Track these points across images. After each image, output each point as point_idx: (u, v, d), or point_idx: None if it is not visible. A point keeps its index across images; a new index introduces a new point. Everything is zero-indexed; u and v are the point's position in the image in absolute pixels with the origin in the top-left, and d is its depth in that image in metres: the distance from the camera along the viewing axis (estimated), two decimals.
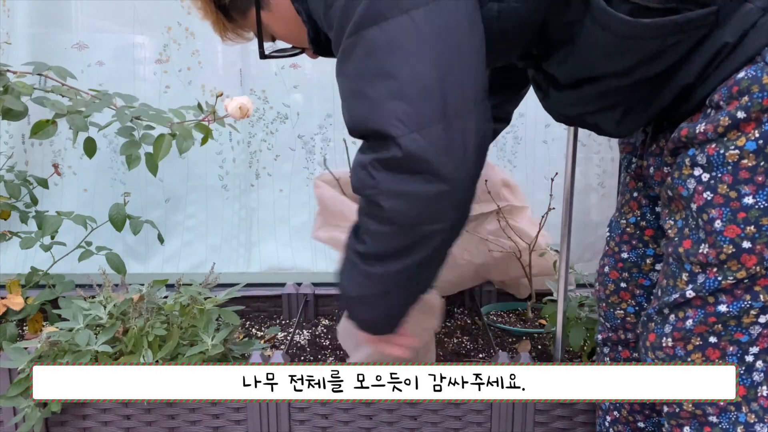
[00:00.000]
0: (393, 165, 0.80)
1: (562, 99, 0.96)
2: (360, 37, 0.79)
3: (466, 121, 0.80)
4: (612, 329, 1.14)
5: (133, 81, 1.96)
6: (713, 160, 0.80)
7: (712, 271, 0.82)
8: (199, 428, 1.35)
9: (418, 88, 0.78)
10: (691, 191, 0.83)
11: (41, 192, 1.79)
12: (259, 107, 2.00)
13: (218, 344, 1.30)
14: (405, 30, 0.77)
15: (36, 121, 1.33)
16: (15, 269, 1.94)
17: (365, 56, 0.79)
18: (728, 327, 0.84)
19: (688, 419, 0.88)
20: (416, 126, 0.78)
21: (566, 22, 0.85)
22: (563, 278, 1.33)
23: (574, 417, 1.33)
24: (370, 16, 0.78)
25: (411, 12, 0.77)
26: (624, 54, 0.83)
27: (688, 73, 0.83)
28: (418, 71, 0.78)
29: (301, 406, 1.33)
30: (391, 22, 0.78)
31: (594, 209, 2.07)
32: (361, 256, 0.91)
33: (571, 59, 0.88)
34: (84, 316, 1.32)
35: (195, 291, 1.40)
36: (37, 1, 1.91)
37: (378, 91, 0.79)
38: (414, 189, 0.81)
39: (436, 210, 0.83)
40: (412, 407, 1.33)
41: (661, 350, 0.89)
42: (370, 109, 0.80)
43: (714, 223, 0.81)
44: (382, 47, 0.78)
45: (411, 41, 0.77)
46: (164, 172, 1.99)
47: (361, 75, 0.81)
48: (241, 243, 2.08)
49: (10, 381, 1.30)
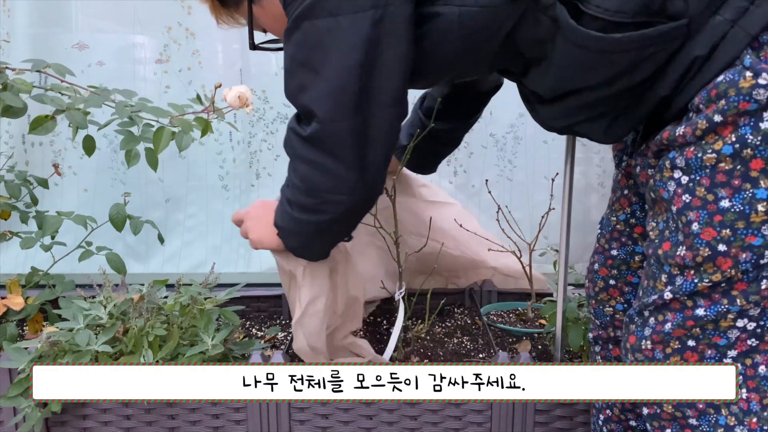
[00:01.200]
0: (306, 138, 0.97)
1: (549, 112, 0.98)
2: (296, 26, 0.91)
3: (375, 121, 0.94)
4: (602, 327, 1.14)
5: (133, 81, 1.96)
6: (692, 162, 0.81)
7: (690, 273, 0.83)
8: (199, 428, 1.35)
9: (335, 86, 0.91)
10: (672, 193, 0.84)
11: (41, 192, 1.79)
12: (259, 107, 2.00)
13: (218, 344, 1.30)
14: (332, 32, 0.89)
15: (35, 117, 1.33)
16: (15, 269, 1.94)
17: (299, 44, 0.92)
18: (706, 330, 0.84)
19: (669, 421, 0.89)
20: (329, 117, 0.93)
21: (538, 40, 0.88)
22: (563, 278, 1.33)
23: (574, 417, 1.33)
24: (308, 10, 0.89)
25: (339, 17, 0.88)
26: (600, 68, 0.85)
27: (665, 85, 0.85)
28: (338, 72, 0.90)
29: (301, 406, 1.33)
30: (322, 21, 0.89)
31: (594, 209, 2.07)
32: (287, 199, 1.09)
33: (550, 75, 0.90)
34: (84, 316, 1.32)
35: (195, 291, 1.40)
36: (37, 1, 1.91)
37: (304, 78, 0.93)
38: (319, 161, 0.97)
39: (334, 184, 0.99)
40: (412, 407, 1.33)
41: (641, 352, 0.89)
42: (298, 89, 0.95)
43: (692, 226, 0.81)
44: (312, 42, 0.91)
45: (336, 43, 0.89)
46: (164, 172, 1.99)
47: (293, 58, 0.94)
48: (241, 243, 2.08)
49: (10, 381, 1.30)
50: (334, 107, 0.92)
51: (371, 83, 0.91)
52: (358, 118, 0.93)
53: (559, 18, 0.83)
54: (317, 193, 1.02)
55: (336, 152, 0.96)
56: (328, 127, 0.94)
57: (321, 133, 0.95)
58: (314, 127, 0.95)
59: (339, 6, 0.87)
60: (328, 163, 0.97)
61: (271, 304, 1.79)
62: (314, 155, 0.98)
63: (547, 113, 0.98)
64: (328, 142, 0.95)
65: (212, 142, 2.01)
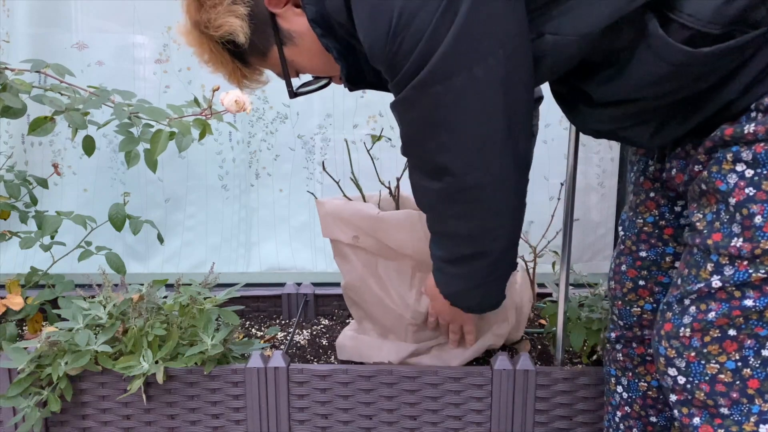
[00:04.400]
0: (449, 194, 0.94)
1: (595, 116, 0.95)
2: (422, 93, 0.84)
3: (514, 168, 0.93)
4: (626, 327, 1.14)
5: (132, 81, 1.95)
6: (760, 157, 0.81)
7: (743, 264, 0.83)
8: (199, 428, 1.35)
9: (475, 140, 0.88)
10: (731, 186, 0.83)
11: (41, 192, 1.79)
12: (258, 107, 2.00)
13: (218, 344, 1.30)
14: (466, 88, 0.83)
15: (34, 118, 1.33)
16: (15, 269, 1.94)
17: (428, 108, 0.86)
18: (750, 321, 0.84)
19: (700, 408, 0.88)
20: (473, 167, 0.90)
21: (613, 48, 0.85)
22: (564, 278, 1.33)
23: (574, 417, 1.33)
24: (433, 74, 0.82)
25: (472, 69, 0.82)
26: (675, 79, 0.83)
27: (733, 90, 0.83)
28: (480, 125, 0.86)
29: (301, 405, 1.33)
30: (456, 79, 0.82)
31: (594, 209, 2.07)
32: (441, 260, 1.08)
33: (615, 82, 0.87)
34: (84, 316, 1.32)
35: (195, 291, 1.39)
36: (37, 1, 1.90)
37: (441, 138, 0.89)
38: (469, 211, 0.96)
39: (488, 228, 0.98)
40: (412, 407, 1.33)
41: (677, 339, 0.88)
42: (437, 151, 0.90)
43: (754, 219, 0.81)
44: (445, 103, 0.85)
45: (474, 96, 0.84)
46: (164, 172, 1.99)
47: (421, 122, 0.89)
48: (240, 243, 2.08)
49: (10, 381, 1.29)
50: (479, 158, 0.90)
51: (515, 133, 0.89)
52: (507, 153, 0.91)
53: (648, 28, 0.80)
54: (477, 236, 1.00)
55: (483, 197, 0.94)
56: (475, 175, 0.92)
57: (469, 182, 0.92)
58: (457, 179, 0.92)
59: (470, 56, 0.81)
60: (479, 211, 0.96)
61: (271, 304, 1.79)
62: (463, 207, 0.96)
63: (593, 116, 0.95)
64: (474, 187, 0.93)
65: (212, 142, 2.00)
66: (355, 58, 0.97)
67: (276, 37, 0.95)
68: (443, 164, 0.91)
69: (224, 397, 1.33)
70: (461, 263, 1.05)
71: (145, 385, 1.30)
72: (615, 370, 1.17)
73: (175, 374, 1.32)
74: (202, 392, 1.33)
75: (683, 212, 1.06)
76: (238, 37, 0.94)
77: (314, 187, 2.04)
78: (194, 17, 0.96)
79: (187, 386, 1.33)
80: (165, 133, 1.33)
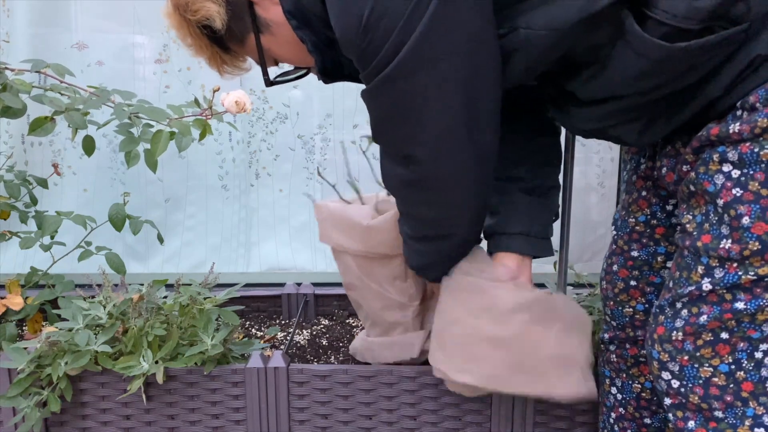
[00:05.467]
0: (413, 181, 0.98)
1: (583, 115, 0.95)
2: (389, 86, 0.87)
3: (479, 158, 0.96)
4: (619, 327, 1.14)
5: (132, 81, 1.95)
6: (746, 157, 0.80)
7: (732, 266, 0.82)
8: (198, 428, 1.35)
9: (437, 134, 0.91)
10: (719, 186, 0.83)
11: (41, 192, 1.79)
12: (258, 107, 2.00)
13: (218, 344, 1.30)
14: (432, 80, 0.85)
15: (34, 118, 1.33)
16: (15, 269, 1.94)
17: (395, 100, 0.89)
18: (742, 324, 0.84)
19: (694, 412, 0.88)
20: (434, 159, 0.93)
21: (592, 45, 0.85)
22: (563, 278, 1.33)
23: (574, 417, 1.33)
24: (399, 68, 0.84)
25: (438, 62, 0.84)
26: (655, 75, 0.83)
27: (717, 86, 0.83)
28: (441, 119, 0.89)
29: (301, 405, 1.33)
30: (420, 75, 0.85)
31: (594, 209, 2.07)
32: (407, 236, 1.13)
33: (598, 80, 0.88)
34: (83, 316, 1.32)
35: (194, 291, 1.39)
36: (37, 1, 1.90)
37: (407, 128, 0.92)
38: (433, 199, 1.00)
39: (449, 215, 1.03)
40: (412, 407, 1.33)
41: (670, 343, 0.88)
42: (404, 140, 0.94)
43: (741, 220, 0.81)
44: (410, 95, 0.88)
45: (438, 89, 0.86)
46: (164, 172, 1.99)
47: (388, 112, 0.92)
48: (240, 243, 2.08)
49: (10, 381, 1.29)
50: (438, 150, 0.93)
51: (477, 125, 0.92)
52: None
53: (625, 24, 0.81)
54: (436, 222, 1.06)
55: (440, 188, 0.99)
56: (433, 167, 0.96)
57: (427, 173, 0.97)
58: (419, 170, 0.96)
59: (434, 54, 0.84)
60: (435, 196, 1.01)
61: (271, 304, 1.79)
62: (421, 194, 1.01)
63: (581, 116, 0.96)
64: (433, 179, 0.98)
65: (212, 142, 2.00)
66: (332, 50, 0.97)
67: (253, 25, 0.96)
68: (408, 153, 0.94)
69: (224, 397, 1.34)
70: (425, 242, 1.11)
71: (145, 385, 1.30)
72: (609, 372, 1.17)
73: (175, 374, 1.32)
74: (202, 392, 1.33)
75: (674, 211, 1.06)
76: (215, 23, 0.94)
77: (314, 187, 2.04)
78: (175, 0, 0.97)
79: (187, 386, 1.33)
80: (165, 133, 1.33)
